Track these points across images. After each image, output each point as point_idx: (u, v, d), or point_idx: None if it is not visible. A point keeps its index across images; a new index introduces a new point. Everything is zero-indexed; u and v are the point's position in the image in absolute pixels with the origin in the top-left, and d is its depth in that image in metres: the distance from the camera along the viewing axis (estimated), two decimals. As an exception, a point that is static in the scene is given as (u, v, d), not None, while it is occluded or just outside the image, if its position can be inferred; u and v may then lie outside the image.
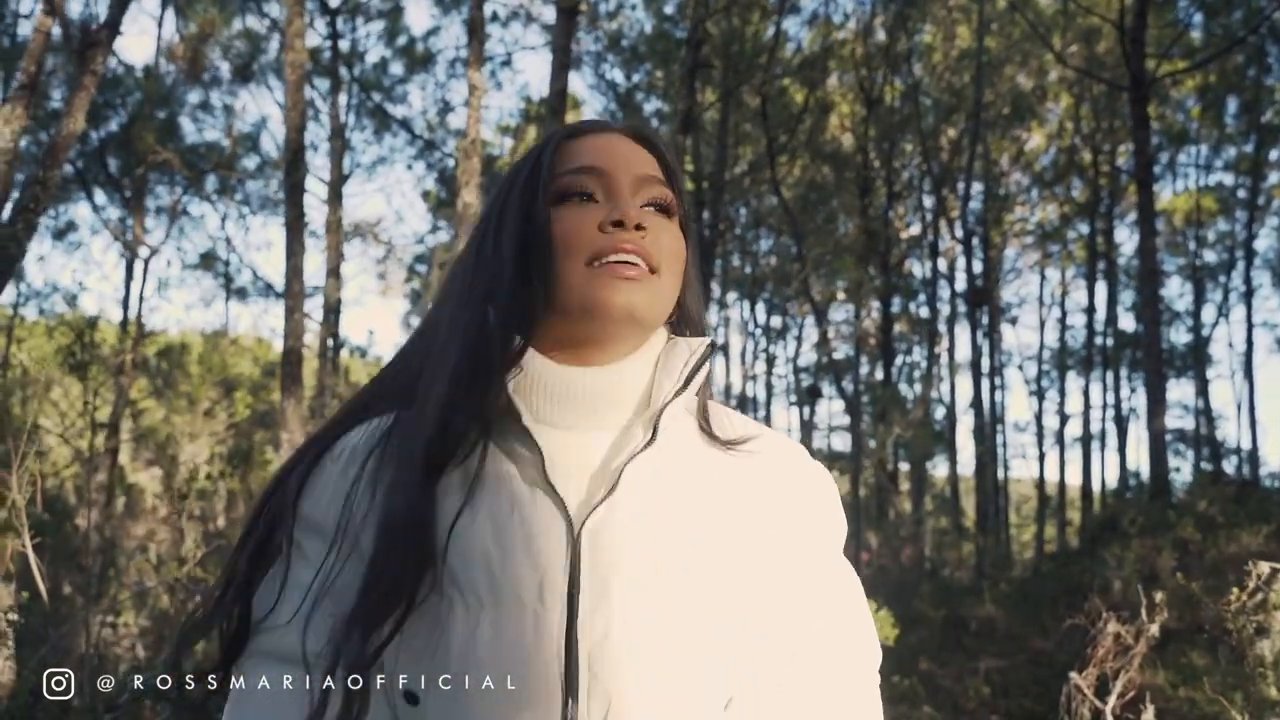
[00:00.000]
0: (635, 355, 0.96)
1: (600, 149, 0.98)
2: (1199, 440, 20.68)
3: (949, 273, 22.74)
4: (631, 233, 0.92)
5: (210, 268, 18.44)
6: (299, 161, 8.16)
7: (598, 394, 0.94)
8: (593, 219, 0.93)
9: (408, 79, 19.60)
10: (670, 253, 0.96)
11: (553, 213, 0.94)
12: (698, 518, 0.93)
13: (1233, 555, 9.42)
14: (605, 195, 0.95)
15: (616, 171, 0.96)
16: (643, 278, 0.92)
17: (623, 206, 0.93)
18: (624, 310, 0.91)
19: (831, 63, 18.18)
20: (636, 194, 0.96)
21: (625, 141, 1.00)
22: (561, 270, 0.92)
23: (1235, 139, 21.18)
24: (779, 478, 1.01)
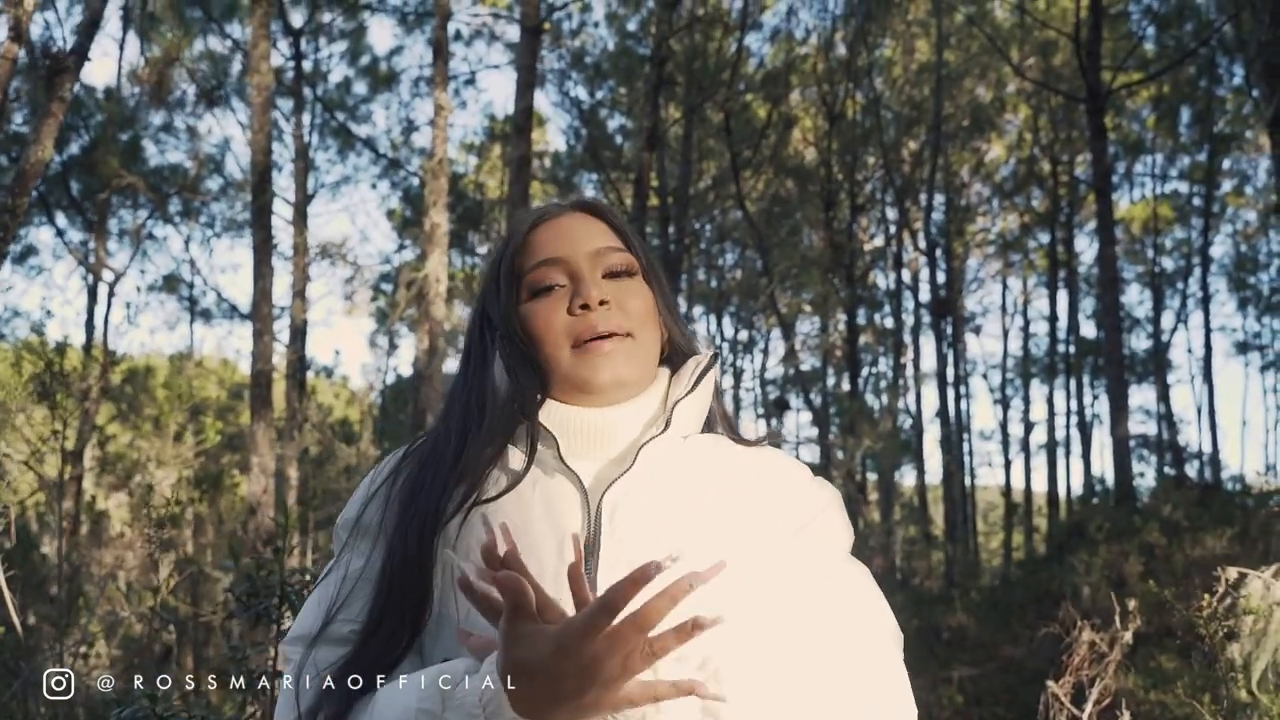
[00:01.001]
0: (643, 394, 1.10)
1: (555, 236, 1.12)
2: (1161, 445, 20.98)
3: (913, 284, 22.97)
4: (597, 311, 1.07)
5: (174, 290, 18.26)
6: (265, 184, 8.12)
7: (617, 426, 1.08)
8: (562, 306, 1.08)
9: (371, 98, 19.60)
10: (638, 312, 1.10)
11: (528, 309, 1.10)
12: (709, 498, 1.04)
13: (1198, 559, 9.56)
14: (569, 279, 1.09)
15: (573, 255, 1.10)
16: (619, 347, 1.07)
17: (584, 290, 1.07)
18: (610, 382, 1.06)
19: (794, 78, 18.34)
20: (595, 268, 1.10)
21: (577, 220, 1.14)
22: (549, 356, 1.08)
23: (1189, 148, 21.58)
24: (784, 480, 1.11)
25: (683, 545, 0.95)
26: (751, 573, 1.00)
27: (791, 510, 1.08)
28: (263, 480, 7.29)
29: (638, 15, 19.05)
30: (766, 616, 1.00)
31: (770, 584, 1.01)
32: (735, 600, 0.97)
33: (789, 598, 1.02)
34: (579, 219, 1.14)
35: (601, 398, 1.07)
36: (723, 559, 0.94)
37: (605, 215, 1.16)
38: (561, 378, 1.07)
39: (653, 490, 1.02)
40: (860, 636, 1.03)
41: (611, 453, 1.07)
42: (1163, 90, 19.07)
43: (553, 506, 1.02)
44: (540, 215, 1.15)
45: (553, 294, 1.09)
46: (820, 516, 1.10)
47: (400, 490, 1.07)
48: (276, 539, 6.25)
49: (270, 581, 2.78)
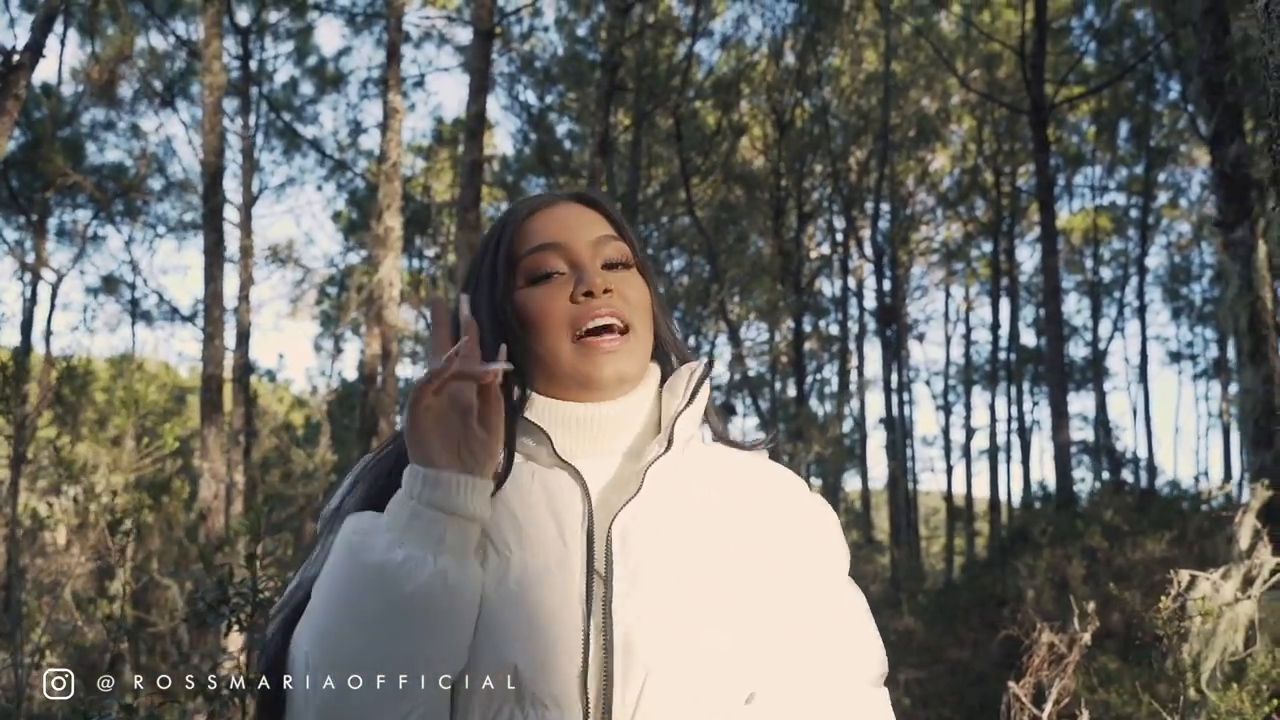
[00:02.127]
0: (637, 390, 1.09)
1: (554, 223, 1.10)
2: (1099, 450, 21.42)
3: (858, 290, 23.24)
4: (601, 298, 1.05)
5: (114, 292, 17.89)
6: (217, 185, 8.00)
7: (611, 422, 1.07)
8: (563, 294, 1.06)
9: (318, 99, 19.39)
10: (638, 303, 1.09)
11: (526, 294, 1.07)
12: (715, 516, 1.05)
13: (1139, 561, 9.79)
14: (569, 266, 1.08)
15: (573, 242, 1.09)
16: (622, 345, 1.06)
17: (588, 277, 1.06)
18: (613, 378, 1.05)
19: (743, 85, 18.47)
20: (595, 258, 1.09)
21: (574, 209, 1.13)
22: (550, 347, 1.05)
23: (1127, 161, 22.11)
24: (785, 496, 1.12)
25: (697, 572, 1.00)
26: (762, 588, 1.03)
27: (798, 529, 1.10)
28: (213, 485, 7.17)
29: (588, 20, 19.07)
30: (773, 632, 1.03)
31: (778, 601, 1.04)
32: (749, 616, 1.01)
33: (795, 615, 1.05)
34: (576, 208, 1.13)
35: (598, 395, 1.06)
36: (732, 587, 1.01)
37: (602, 206, 1.15)
38: (561, 371, 1.05)
39: (662, 512, 1.02)
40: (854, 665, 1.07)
41: (606, 448, 1.07)
42: (1103, 104, 19.52)
43: (553, 498, 1.01)
44: (537, 203, 1.13)
45: (552, 281, 1.07)
46: (829, 539, 1.13)
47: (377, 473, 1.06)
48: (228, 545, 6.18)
49: (243, 589, 2.75)
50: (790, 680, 1.02)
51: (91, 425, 13.01)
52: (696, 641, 0.96)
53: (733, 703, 0.98)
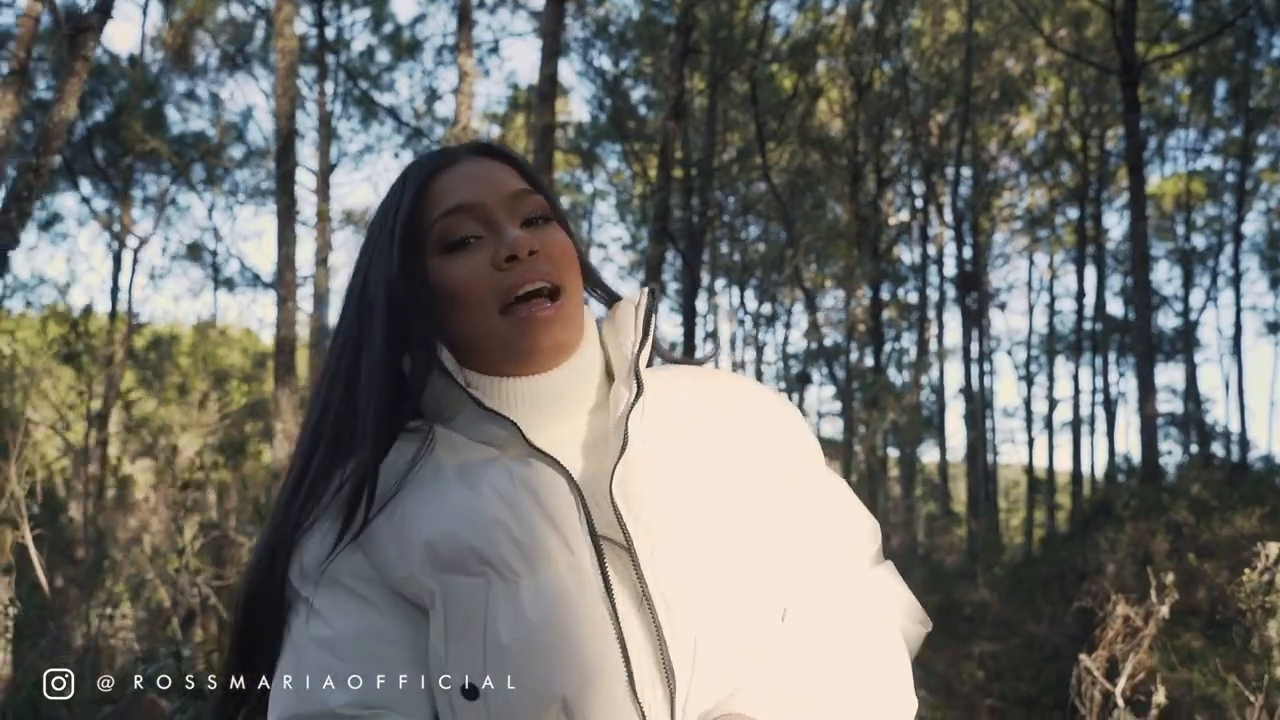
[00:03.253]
0: (583, 347, 1.00)
1: (461, 181, 0.98)
2: (1188, 424, 20.79)
3: (938, 258, 22.79)
4: (527, 261, 0.95)
5: (197, 258, 18.32)
6: (289, 149, 8.08)
7: (570, 387, 0.98)
8: (485, 261, 0.95)
9: (394, 67, 19.50)
10: (563, 257, 0.98)
11: (442, 266, 0.96)
12: (699, 445, 0.97)
13: (1226, 537, 9.46)
14: (486, 228, 0.96)
15: (487, 200, 0.97)
16: (557, 311, 0.95)
17: (510, 239, 0.94)
18: (553, 348, 0.96)
19: (820, 48, 18.13)
20: (513, 215, 0.98)
21: (479, 163, 1.01)
22: (476, 322, 0.95)
23: (1224, 123, 21.23)
24: (748, 403, 1.04)
25: (705, 507, 0.93)
26: (764, 502, 0.97)
27: (769, 433, 1.03)
28: (286, 446, 7.29)
29: (663, -16, 18.85)
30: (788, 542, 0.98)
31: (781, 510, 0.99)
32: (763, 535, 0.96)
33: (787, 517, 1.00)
34: (482, 162, 1.01)
35: (540, 365, 0.96)
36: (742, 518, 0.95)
37: (509, 157, 1.04)
38: (494, 348, 0.95)
39: (652, 459, 0.94)
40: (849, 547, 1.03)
41: (568, 413, 0.98)
42: (1198, 63, 18.74)
43: (543, 502, 0.90)
44: (437, 162, 1.01)
45: (469, 247, 0.96)
46: (798, 434, 1.05)
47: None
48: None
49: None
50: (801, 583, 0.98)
51: (174, 389, 13.38)
52: (729, 578, 0.91)
53: (772, 625, 0.93)
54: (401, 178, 1.02)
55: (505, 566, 0.87)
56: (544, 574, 0.87)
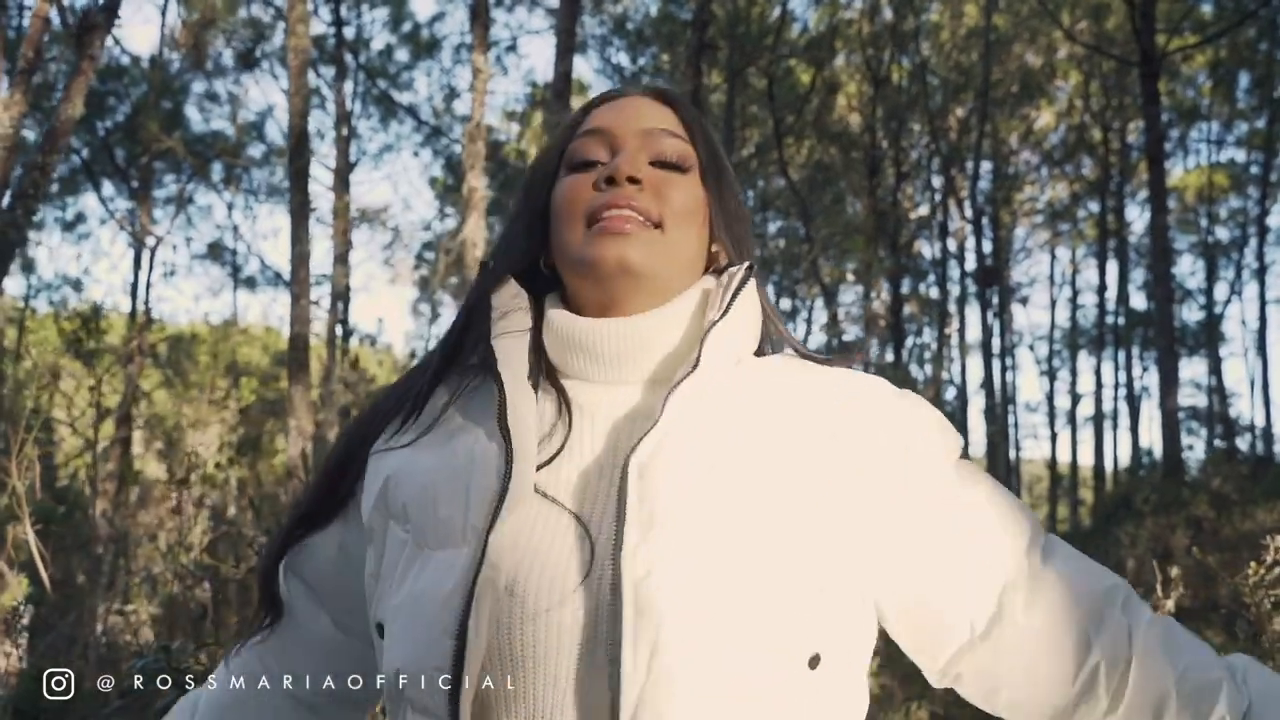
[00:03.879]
0: (665, 306, 0.91)
1: (611, 111, 0.98)
2: (1212, 418, 20.60)
3: (958, 253, 22.67)
4: (624, 187, 0.90)
5: (217, 257, 18.45)
6: (303, 147, 8.12)
7: (627, 340, 0.90)
8: (591, 180, 0.93)
9: (413, 65, 19.61)
10: (680, 207, 0.92)
11: (561, 182, 0.95)
12: (767, 446, 0.84)
13: (1248, 532, 9.34)
14: (609, 155, 0.94)
15: (620, 129, 0.95)
16: (637, 231, 0.89)
17: (616, 162, 0.91)
18: (616, 264, 0.88)
19: (838, 42, 18.07)
20: (642, 149, 0.94)
21: (640, 100, 0.99)
22: (565, 235, 0.92)
23: (1247, 114, 21.02)
24: (865, 408, 0.90)
25: (735, 508, 0.81)
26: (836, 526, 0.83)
27: (885, 444, 0.88)
28: (300, 443, 7.32)
29: (680, -21, 18.84)
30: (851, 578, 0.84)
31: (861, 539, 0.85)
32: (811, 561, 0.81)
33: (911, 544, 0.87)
34: (643, 100, 0.99)
35: (603, 290, 0.89)
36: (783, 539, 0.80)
37: (676, 104, 0.99)
38: (572, 262, 0.91)
39: (688, 444, 0.82)
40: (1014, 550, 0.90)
41: (626, 375, 0.90)
42: (1220, 54, 18.56)
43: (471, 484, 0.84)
44: (606, 95, 1.01)
45: (590, 170, 0.94)
46: (926, 437, 0.91)
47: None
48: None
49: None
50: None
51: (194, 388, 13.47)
52: (730, 594, 0.77)
53: (789, 666, 0.78)
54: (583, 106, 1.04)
55: (419, 535, 0.84)
56: (440, 554, 0.82)
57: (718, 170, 0.98)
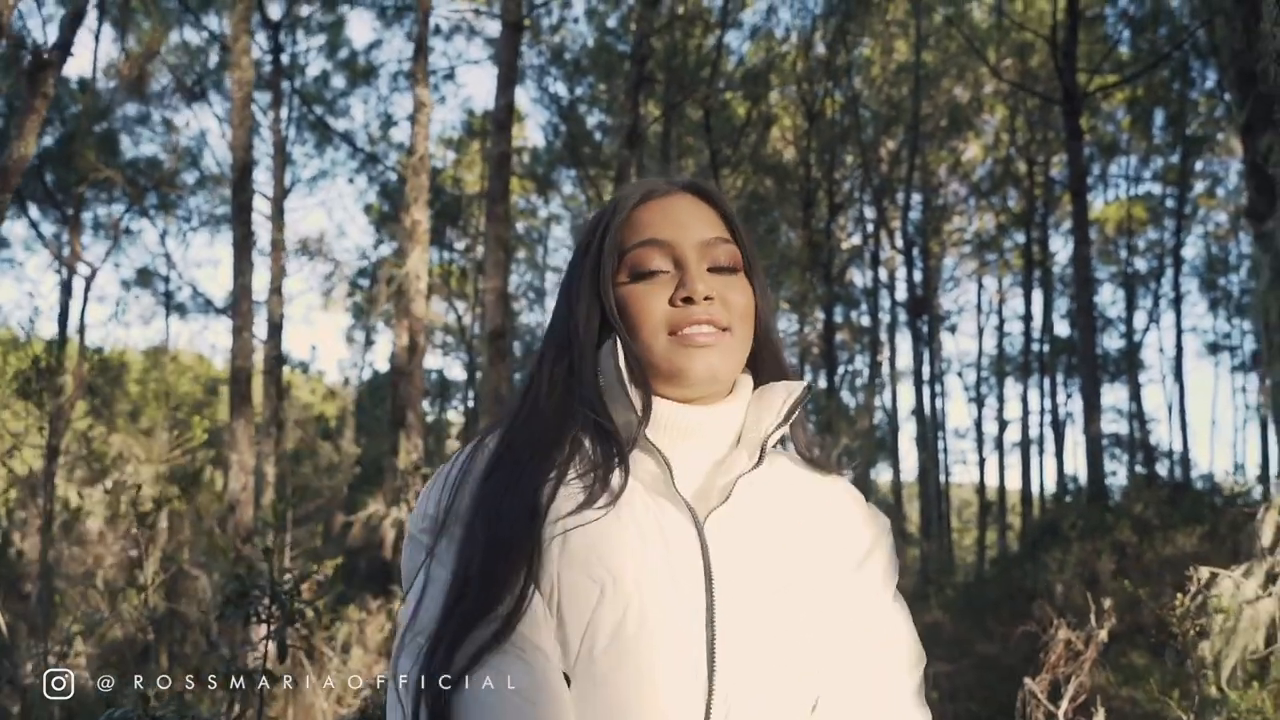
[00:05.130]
0: (732, 397, 1.08)
1: (664, 217, 1.07)
2: (1133, 444, 21.21)
3: (889, 282, 23.11)
4: (702, 305, 1.02)
5: (149, 284, 18.11)
6: (246, 180, 8.08)
7: (704, 426, 1.05)
8: (664, 294, 1.04)
9: (349, 92, 19.52)
10: (740, 309, 1.05)
11: (628, 290, 1.05)
12: (794, 529, 1.04)
13: (1169, 557, 9.69)
14: (674, 266, 1.05)
15: (681, 242, 1.05)
16: (717, 341, 1.03)
17: (691, 283, 1.03)
18: (705, 374, 1.02)
19: (774, 76, 18.40)
20: (702, 260, 1.05)
21: (687, 201, 1.09)
22: (647, 342, 1.03)
23: (1163, 150, 21.81)
24: (848, 509, 1.11)
25: (780, 578, 1.00)
26: (828, 598, 1.03)
27: (860, 541, 1.09)
28: (242, 478, 7.26)
29: (618, 12, 19.04)
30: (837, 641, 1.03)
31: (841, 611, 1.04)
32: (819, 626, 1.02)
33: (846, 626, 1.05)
34: (689, 201, 1.08)
35: (689, 390, 1.04)
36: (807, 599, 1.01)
37: (716, 202, 1.10)
38: (653, 365, 1.03)
39: (748, 522, 1.01)
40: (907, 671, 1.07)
41: (690, 451, 1.05)
42: (1137, 93, 19.27)
43: (670, 539, 0.98)
44: (649, 191, 1.09)
45: (654, 279, 1.04)
46: (885, 552, 1.12)
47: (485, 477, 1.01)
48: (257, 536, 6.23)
49: (259, 581, 2.80)
50: (850, 686, 1.03)
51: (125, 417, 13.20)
52: (779, 651, 0.98)
53: (803, 709, 1.00)
54: (614, 198, 1.11)
55: (621, 583, 0.95)
56: (652, 600, 0.95)
57: (754, 261, 1.11)
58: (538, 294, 27.93)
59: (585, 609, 0.94)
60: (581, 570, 0.95)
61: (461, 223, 22.31)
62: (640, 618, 0.94)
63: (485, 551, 0.95)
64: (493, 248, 10.45)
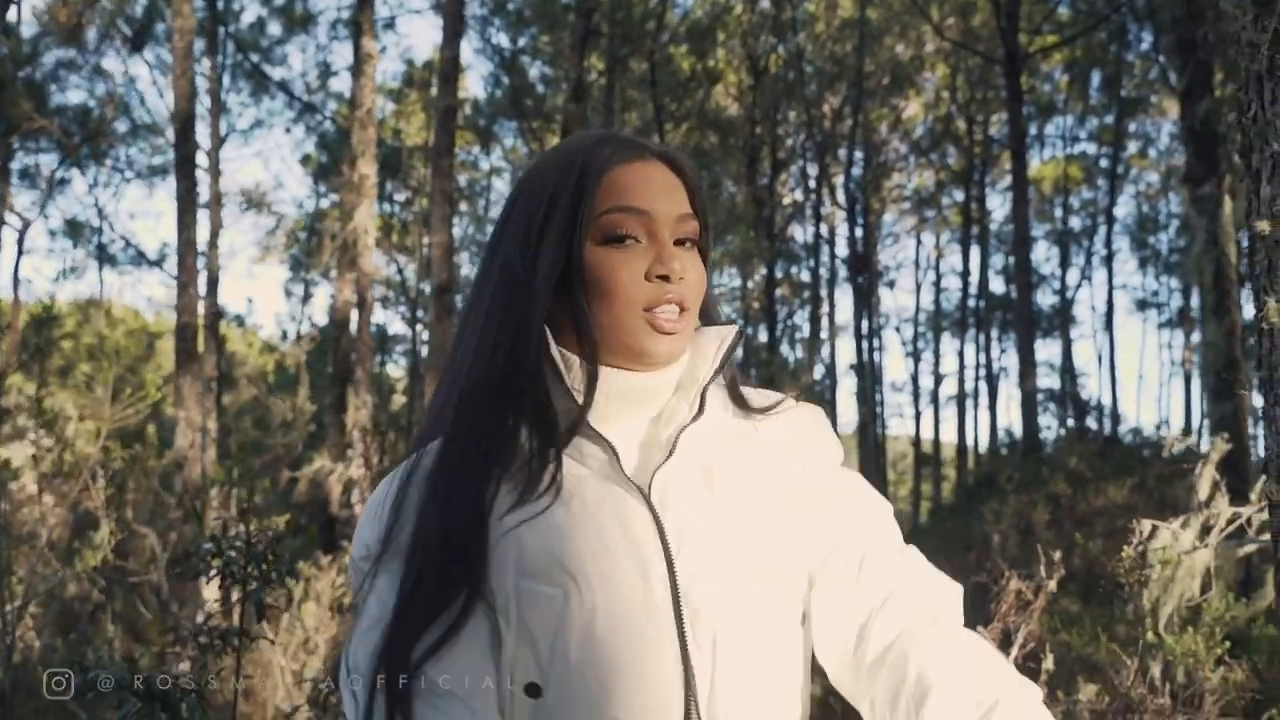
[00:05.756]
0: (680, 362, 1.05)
1: (645, 186, 1.02)
2: (1065, 398, 21.77)
3: (830, 238, 23.33)
4: (676, 284, 1.00)
5: (80, 236, 17.62)
6: (189, 132, 7.89)
7: (652, 391, 1.03)
8: (639, 266, 1.00)
9: (287, 40, 19.04)
10: (694, 286, 1.03)
11: (600, 255, 1.00)
12: (742, 470, 1.03)
13: (1101, 508, 10.03)
14: (647, 237, 1.01)
15: (659, 214, 1.01)
16: (681, 325, 1.01)
17: (668, 260, 1.00)
18: (666, 357, 1.01)
19: (719, 31, 18.33)
20: (672, 234, 1.02)
21: (661, 172, 1.04)
22: (616, 317, 0.99)
23: (1099, 110, 22.21)
24: (795, 432, 1.10)
25: (732, 521, 1.01)
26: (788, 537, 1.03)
27: (800, 467, 1.08)
28: (189, 434, 7.17)
29: (562, -37, 18.79)
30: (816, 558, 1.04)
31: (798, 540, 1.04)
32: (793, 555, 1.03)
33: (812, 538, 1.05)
34: (664, 172, 1.04)
35: (645, 366, 1.01)
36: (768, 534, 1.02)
37: (687, 175, 1.06)
38: (619, 341, 1.00)
39: (694, 474, 1.01)
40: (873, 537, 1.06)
41: (636, 414, 1.03)
42: (1076, 54, 19.56)
43: (629, 528, 0.97)
44: (623, 154, 1.03)
45: (627, 247, 1.00)
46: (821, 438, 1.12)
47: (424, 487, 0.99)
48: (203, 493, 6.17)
49: (236, 543, 2.79)
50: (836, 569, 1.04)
51: (56, 372, 12.91)
52: (752, 591, 0.98)
53: (792, 626, 1.03)
54: (583, 155, 1.03)
55: (585, 580, 0.94)
56: (616, 591, 0.94)
57: (708, 236, 1.08)
58: (481, 248, 27.71)
59: (551, 618, 0.93)
60: (543, 579, 0.94)
61: (402, 175, 21.99)
62: (609, 616, 0.93)
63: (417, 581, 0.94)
64: (439, 201, 10.34)
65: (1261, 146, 2.08)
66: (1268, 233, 2.05)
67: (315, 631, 6.12)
